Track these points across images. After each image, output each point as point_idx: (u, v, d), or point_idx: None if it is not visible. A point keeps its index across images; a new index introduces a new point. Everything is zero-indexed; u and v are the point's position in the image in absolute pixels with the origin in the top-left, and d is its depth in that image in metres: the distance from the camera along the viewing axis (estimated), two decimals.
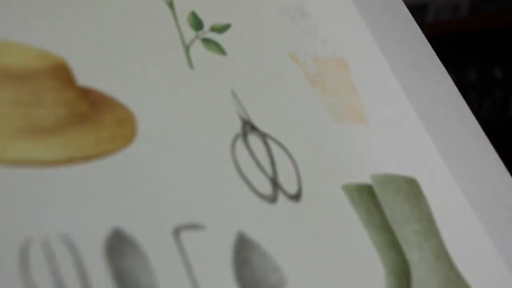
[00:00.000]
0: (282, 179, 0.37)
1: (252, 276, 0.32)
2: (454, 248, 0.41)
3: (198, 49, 0.40)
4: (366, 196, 0.40)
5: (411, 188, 0.43)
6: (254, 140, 0.38)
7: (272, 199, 0.36)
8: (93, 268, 0.28)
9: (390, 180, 0.42)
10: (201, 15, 0.42)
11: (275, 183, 0.37)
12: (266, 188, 0.36)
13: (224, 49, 0.41)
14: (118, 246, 0.29)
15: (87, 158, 0.31)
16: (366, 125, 0.45)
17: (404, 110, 0.48)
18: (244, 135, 0.38)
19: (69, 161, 0.30)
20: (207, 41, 0.41)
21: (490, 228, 0.45)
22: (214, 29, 0.42)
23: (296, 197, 0.37)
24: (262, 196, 0.36)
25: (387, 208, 0.40)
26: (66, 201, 0.29)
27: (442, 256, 0.40)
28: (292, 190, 0.37)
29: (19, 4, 0.34)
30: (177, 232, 0.31)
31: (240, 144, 0.37)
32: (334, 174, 0.40)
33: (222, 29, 0.43)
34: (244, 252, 0.33)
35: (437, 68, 0.51)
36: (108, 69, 0.35)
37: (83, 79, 0.34)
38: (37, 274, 0.26)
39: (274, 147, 0.39)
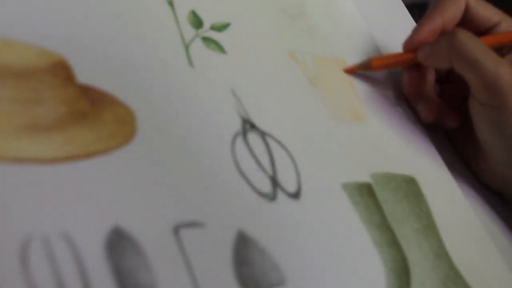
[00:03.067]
0: (281, 178, 0.37)
1: (252, 274, 0.32)
2: (454, 246, 0.41)
3: (198, 47, 0.40)
4: (365, 195, 0.40)
5: (410, 187, 0.43)
6: (253, 138, 0.38)
7: (272, 197, 0.36)
8: (93, 266, 0.28)
9: (389, 178, 0.42)
10: (201, 14, 0.42)
11: (274, 182, 0.37)
12: (265, 186, 0.36)
13: (224, 48, 0.42)
14: (118, 244, 0.29)
15: (87, 155, 0.31)
16: (365, 123, 0.45)
17: (403, 109, 0.48)
18: (244, 133, 0.38)
19: (69, 158, 0.30)
20: (207, 40, 0.41)
21: (490, 227, 0.45)
22: (214, 27, 0.42)
23: (296, 195, 0.37)
24: (261, 194, 0.36)
25: (386, 206, 0.41)
26: (66, 199, 0.29)
27: (441, 254, 0.40)
28: (292, 188, 0.37)
29: (18, 2, 0.34)
30: (177, 230, 0.31)
31: (240, 142, 0.37)
32: (333, 172, 0.40)
33: (222, 27, 0.43)
34: (243, 250, 0.33)
35: None
36: (108, 67, 0.35)
37: (83, 77, 0.34)
38: (37, 272, 0.26)
39: (273, 146, 0.39)
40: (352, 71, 0.47)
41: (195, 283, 0.30)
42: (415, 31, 0.46)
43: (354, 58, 0.49)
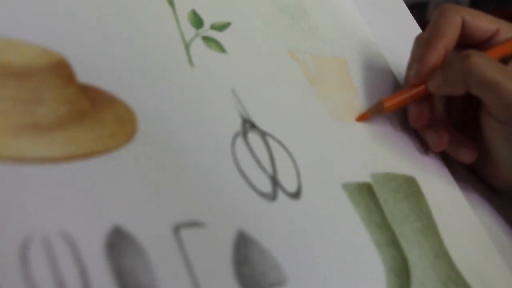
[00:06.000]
0: (281, 177, 0.37)
1: (252, 274, 0.32)
2: (454, 246, 0.41)
3: (198, 47, 0.40)
4: (365, 195, 0.40)
5: (410, 187, 0.43)
6: (254, 138, 0.38)
7: (272, 197, 0.36)
8: (93, 265, 0.28)
9: (389, 178, 0.42)
10: (201, 13, 0.42)
11: (274, 181, 0.37)
12: (266, 186, 0.36)
13: (224, 47, 0.42)
14: (118, 243, 0.29)
15: (87, 155, 0.31)
16: (365, 124, 0.45)
17: (403, 109, 0.48)
18: (244, 133, 0.38)
19: (69, 158, 0.30)
20: (207, 39, 0.41)
21: (490, 227, 0.45)
22: (214, 27, 0.42)
23: (296, 195, 0.37)
24: (262, 194, 0.36)
25: (386, 206, 0.41)
26: (66, 198, 0.29)
27: (441, 254, 0.40)
28: (292, 188, 0.37)
29: (19, 2, 0.34)
30: (177, 229, 0.31)
31: (240, 142, 0.37)
32: (333, 172, 0.40)
33: (222, 27, 0.43)
34: (244, 249, 0.33)
35: None
36: (108, 67, 0.35)
37: (84, 76, 0.34)
38: (37, 272, 0.26)
39: (273, 146, 0.39)
40: (366, 118, 0.45)
41: (195, 283, 0.30)
42: (420, 63, 0.44)
43: (354, 58, 0.49)
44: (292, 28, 0.47)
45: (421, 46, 0.45)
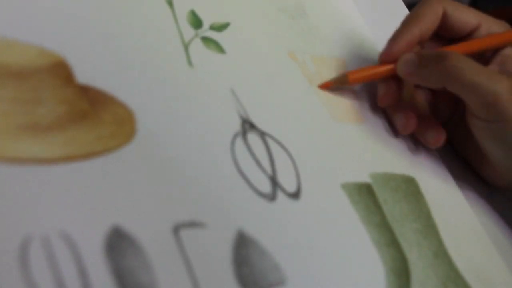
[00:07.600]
0: (281, 178, 0.37)
1: (252, 274, 0.32)
2: (453, 246, 0.42)
3: (197, 47, 0.40)
4: (365, 195, 0.40)
5: (409, 187, 0.43)
6: (253, 138, 0.38)
7: (272, 197, 0.36)
8: (93, 265, 0.28)
9: (388, 178, 0.42)
10: (200, 14, 0.42)
11: (274, 182, 0.37)
12: (265, 186, 0.36)
13: (223, 48, 0.42)
14: (118, 243, 0.29)
15: (86, 155, 0.31)
16: (364, 124, 0.45)
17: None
18: (244, 133, 0.38)
19: (69, 158, 0.30)
20: (206, 40, 0.41)
21: (490, 227, 0.45)
22: (213, 27, 0.42)
23: (295, 195, 0.37)
24: (261, 194, 0.36)
25: (386, 206, 0.41)
26: (66, 198, 0.29)
27: (441, 254, 0.40)
28: (291, 188, 0.37)
29: (18, 2, 0.34)
30: (176, 230, 0.31)
31: (239, 142, 0.37)
32: (333, 172, 0.40)
33: (221, 27, 0.43)
34: (243, 250, 0.33)
35: None
36: (107, 67, 0.35)
37: (83, 77, 0.34)
38: (37, 272, 0.26)
39: (273, 146, 0.39)
40: (328, 86, 0.45)
41: (195, 283, 0.30)
42: (392, 42, 0.45)
43: (354, 58, 0.49)
44: (291, 28, 0.47)
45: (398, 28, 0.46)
